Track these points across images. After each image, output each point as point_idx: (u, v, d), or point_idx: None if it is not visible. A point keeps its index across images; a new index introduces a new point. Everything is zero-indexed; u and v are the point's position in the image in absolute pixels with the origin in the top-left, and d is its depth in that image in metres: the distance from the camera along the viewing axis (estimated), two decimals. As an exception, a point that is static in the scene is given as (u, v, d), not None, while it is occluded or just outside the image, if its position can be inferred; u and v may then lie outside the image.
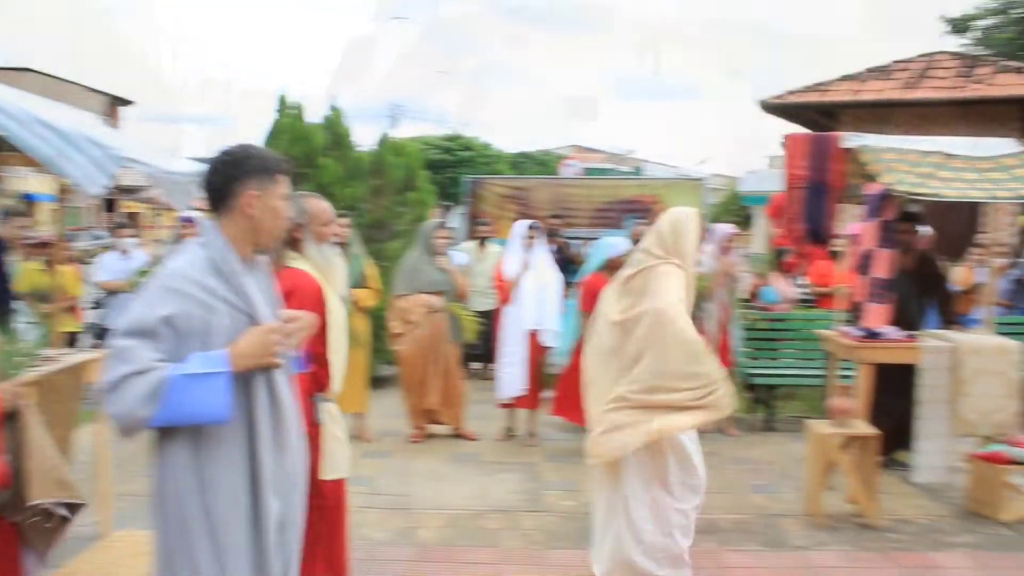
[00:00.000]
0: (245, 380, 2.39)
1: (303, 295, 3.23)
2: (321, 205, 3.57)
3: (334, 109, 9.44)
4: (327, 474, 3.45)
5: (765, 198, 13.12)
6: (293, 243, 3.47)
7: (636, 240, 8.01)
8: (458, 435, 7.07)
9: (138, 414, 2.24)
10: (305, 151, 8.93)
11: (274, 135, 9.13)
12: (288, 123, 9.22)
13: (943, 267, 8.97)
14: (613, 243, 6.59)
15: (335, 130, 9.45)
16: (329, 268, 3.55)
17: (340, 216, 4.53)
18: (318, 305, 3.34)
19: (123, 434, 2.33)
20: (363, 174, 9.27)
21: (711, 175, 46.72)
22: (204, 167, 2.57)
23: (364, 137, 11.14)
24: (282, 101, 9.40)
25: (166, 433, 2.36)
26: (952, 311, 6.51)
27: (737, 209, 27.49)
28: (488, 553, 4.69)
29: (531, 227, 7.20)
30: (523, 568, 4.50)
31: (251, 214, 2.46)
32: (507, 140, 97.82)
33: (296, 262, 3.44)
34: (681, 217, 3.94)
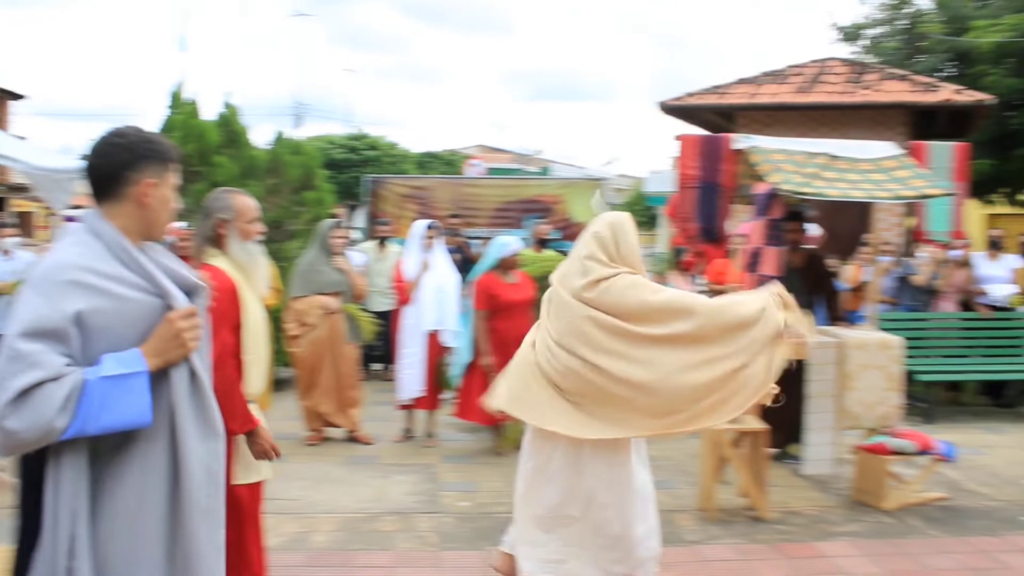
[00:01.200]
0: (164, 376, 2.17)
1: (216, 293, 3.13)
2: (247, 201, 3.46)
3: (229, 106, 9.20)
4: (242, 478, 3.32)
5: (666, 198, 13.35)
6: (217, 239, 3.37)
7: (538, 240, 8.07)
8: (353, 439, 6.95)
9: (54, 425, 1.97)
10: (199, 148, 8.69)
11: (166, 132, 8.85)
12: (181, 120, 8.96)
13: (830, 265, 9.29)
14: (505, 243, 6.67)
15: (230, 127, 9.22)
16: (252, 266, 3.45)
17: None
18: (232, 304, 3.25)
19: (15, 450, 2.05)
20: (259, 173, 9.06)
21: (617, 176, 47.42)
22: (88, 152, 2.27)
23: (265, 135, 10.93)
24: (175, 97, 9.13)
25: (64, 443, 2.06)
26: (838, 308, 6.71)
27: (642, 209, 27.94)
28: (382, 556, 4.63)
29: (430, 227, 7.15)
30: (417, 570, 4.45)
31: (147, 204, 2.24)
32: (414, 140, 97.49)
33: (215, 260, 3.35)
34: (618, 221, 3.76)
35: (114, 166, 2.22)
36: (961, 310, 9.20)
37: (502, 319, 6.54)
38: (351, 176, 25.32)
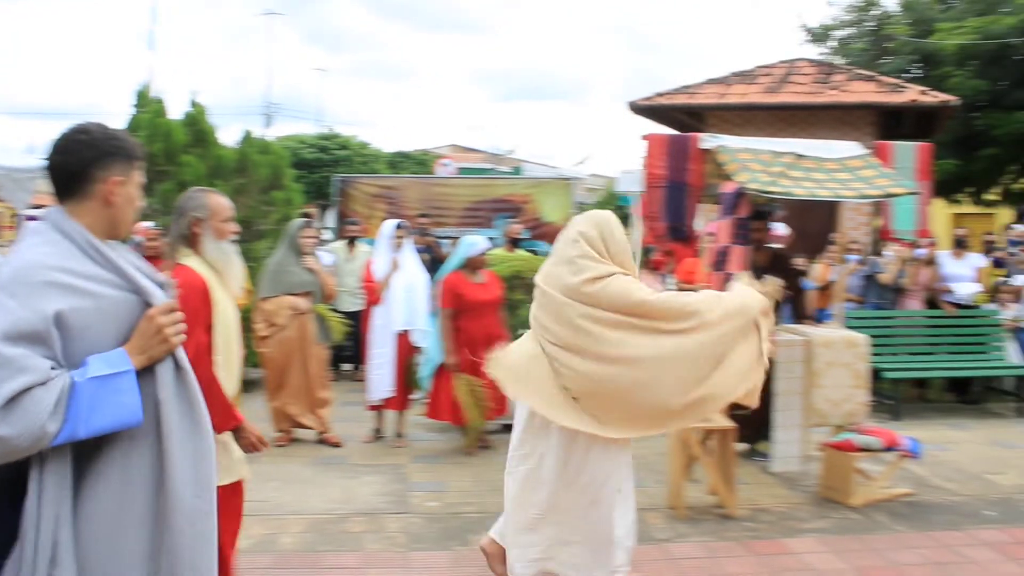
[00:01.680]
0: (149, 373, 2.11)
1: (187, 292, 3.10)
2: (221, 201, 3.44)
3: (195, 105, 9.12)
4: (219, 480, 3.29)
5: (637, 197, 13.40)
6: (191, 238, 3.35)
7: (510, 239, 8.08)
8: (323, 440, 6.90)
9: (47, 430, 1.90)
10: (166, 148, 8.61)
11: (132, 131, 8.76)
12: (147, 118, 8.87)
13: (797, 264, 9.37)
14: (473, 242, 6.70)
15: (198, 127, 9.14)
16: (227, 265, 3.43)
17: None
18: (203, 303, 3.23)
19: (5, 458, 1.94)
20: (227, 172, 8.99)
21: (589, 175, 47.50)
22: (50, 150, 2.19)
23: (235, 135, 10.85)
24: (141, 95, 9.04)
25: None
26: (805, 307, 6.76)
27: (614, 209, 28.00)
28: (350, 557, 4.60)
29: (399, 227, 7.12)
30: (385, 571, 4.43)
31: (113, 202, 2.18)
32: (387, 140, 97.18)
33: (188, 259, 3.34)
34: (604, 219, 3.71)
35: (78, 163, 2.16)
36: (927, 308, 9.31)
37: (468, 318, 6.54)
38: (322, 176, 25.17)
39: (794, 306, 6.71)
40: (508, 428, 7.30)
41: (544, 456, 3.65)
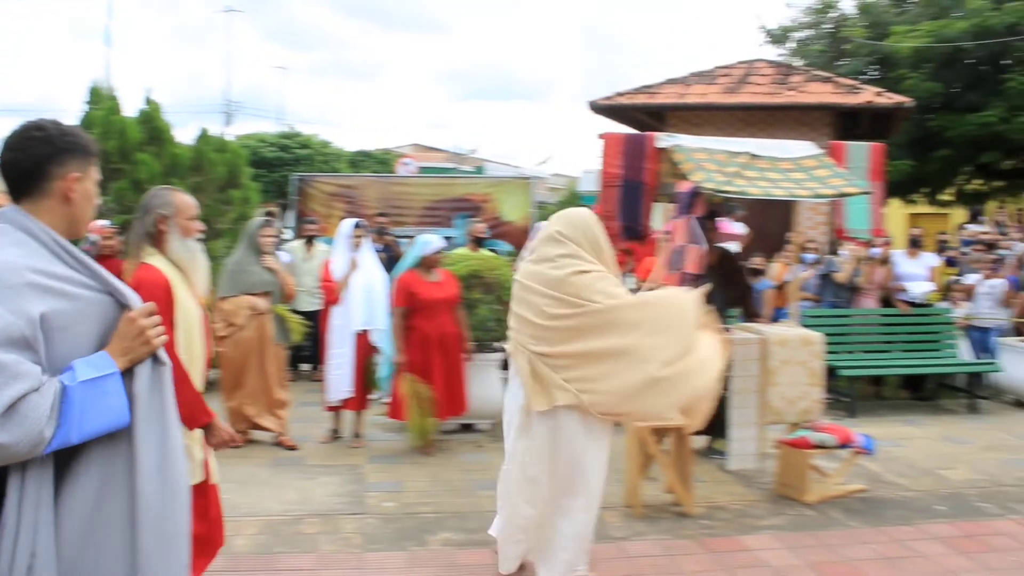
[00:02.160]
0: (128, 373, 2.09)
1: (151, 290, 3.09)
2: (187, 199, 3.44)
3: (150, 102, 8.99)
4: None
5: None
6: (157, 236, 3.34)
7: (474, 238, 8.06)
8: (279, 443, 6.81)
9: (44, 436, 1.89)
10: (120, 145, 8.48)
11: (85, 128, 8.60)
12: (101, 115, 8.73)
13: (750, 263, 9.45)
14: (427, 241, 6.71)
15: (153, 124, 9.01)
16: (193, 264, 3.42)
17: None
18: (165, 301, 3.19)
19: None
20: (183, 171, 8.87)
21: (552, 175, 47.62)
22: (4, 148, 2.14)
23: (192, 133, 10.73)
24: (94, 92, 8.89)
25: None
26: (753, 305, 6.81)
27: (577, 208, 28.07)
28: (305, 559, 4.55)
29: (357, 226, 7.07)
30: (339, 572, 4.39)
31: (71, 199, 2.14)
32: (349, 139, 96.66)
33: (152, 258, 3.31)
34: (584, 219, 4.01)
35: (34, 161, 2.11)
36: (882, 307, 9.44)
37: (422, 317, 6.53)
38: (282, 175, 24.96)
39: (743, 305, 6.76)
40: (466, 428, 7.32)
41: (528, 453, 3.95)
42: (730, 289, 6.63)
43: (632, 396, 3.81)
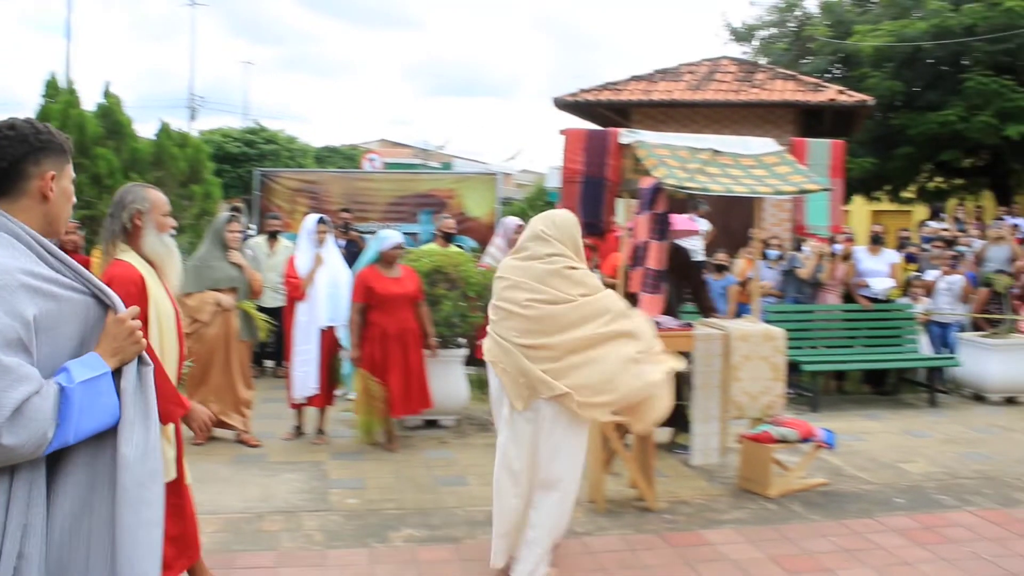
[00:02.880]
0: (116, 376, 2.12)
1: (122, 286, 3.09)
2: (160, 195, 3.46)
3: (109, 96, 8.86)
4: None
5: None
6: (132, 232, 3.33)
7: (443, 234, 8.03)
8: (241, 441, 6.73)
9: (47, 437, 1.91)
10: (78, 140, 8.35)
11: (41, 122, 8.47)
12: (58, 109, 8.60)
13: (720, 259, 9.52)
14: (385, 236, 6.71)
15: (113, 118, 8.89)
16: (167, 259, 3.43)
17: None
18: (139, 297, 3.20)
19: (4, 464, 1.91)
20: (143, 165, 8.76)
21: (520, 171, 47.58)
22: None
23: (154, 128, 10.60)
24: (50, 85, 8.75)
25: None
26: (707, 299, 6.83)
27: (543, 204, 28.12)
28: (265, 556, 4.51)
29: (321, 221, 7.01)
30: (300, 570, 4.35)
31: (49, 197, 2.13)
32: (316, 134, 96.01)
33: (124, 254, 3.29)
34: (567, 222, 4.21)
35: (10, 160, 2.09)
36: (844, 303, 9.54)
37: (380, 312, 6.52)
38: (247, 170, 24.75)
39: (698, 300, 6.79)
40: (430, 424, 7.30)
41: (511, 445, 4.06)
42: (684, 285, 6.67)
43: (612, 380, 3.96)
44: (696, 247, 10.79)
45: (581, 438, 4.14)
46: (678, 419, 6.62)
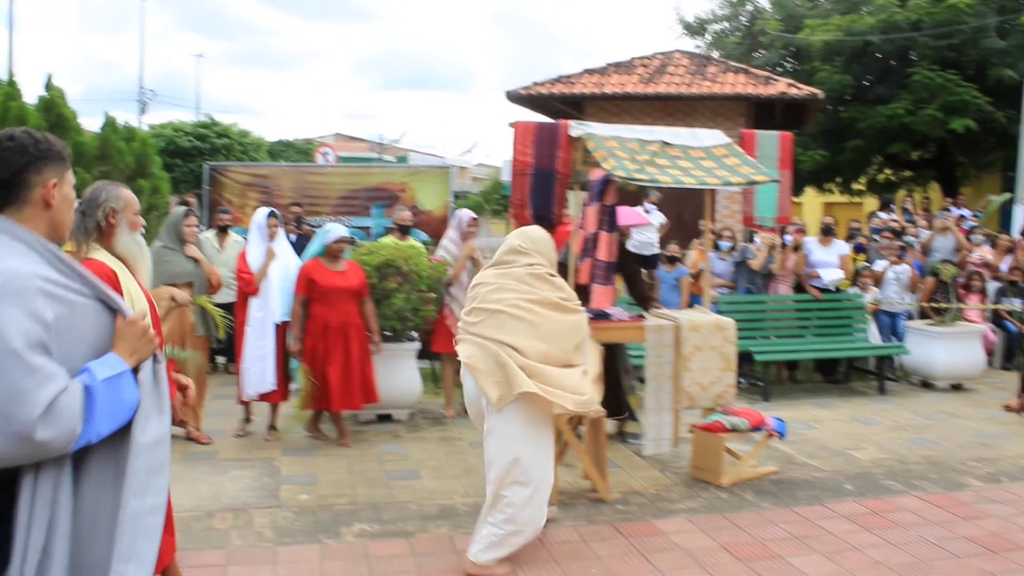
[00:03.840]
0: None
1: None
2: (131, 194, 3.46)
3: (51, 88, 8.66)
4: None
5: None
6: (106, 230, 3.30)
7: (399, 227, 7.95)
8: (191, 438, 6.62)
9: (77, 433, 1.99)
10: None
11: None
12: (-3, 102, 8.37)
13: (676, 251, 9.57)
14: (328, 229, 6.72)
15: (56, 112, 8.69)
16: (140, 257, 3.40)
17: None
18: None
19: (34, 460, 1.98)
20: (88, 160, 8.57)
21: (475, 164, 47.56)
22: None
23: (98, 122, 10.36)
24: (-10, 77, 8.52)
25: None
26: (642, 288, 6.84)
27: (499, 198, 28.14)
28: (214, 555, 4.44)
29: (271, 215, 6.91)
30: (249, 567, 4.29)
31: (52, 205, 2.20)
32: (271, 129, 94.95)
33: (96, 253, 3.27)
34: (542, 238, 4.55)
35: (11, 171, 2.15)
36: (795, 293, 9.64)
37: (322, 305, 6.50)
38: (199, 165, 24.40)
39: (632, 289, 6.81)
40: (383, 419, 7.25)
41: (487, 436, 4.26)
42: (618, 274, 6.69)
43: (577, 386, 4.28)
44: (651, 239, 10.86)
45: (549, 436, 4.34)
46: (624, 409, 6.66)
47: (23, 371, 1.93)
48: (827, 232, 9.85)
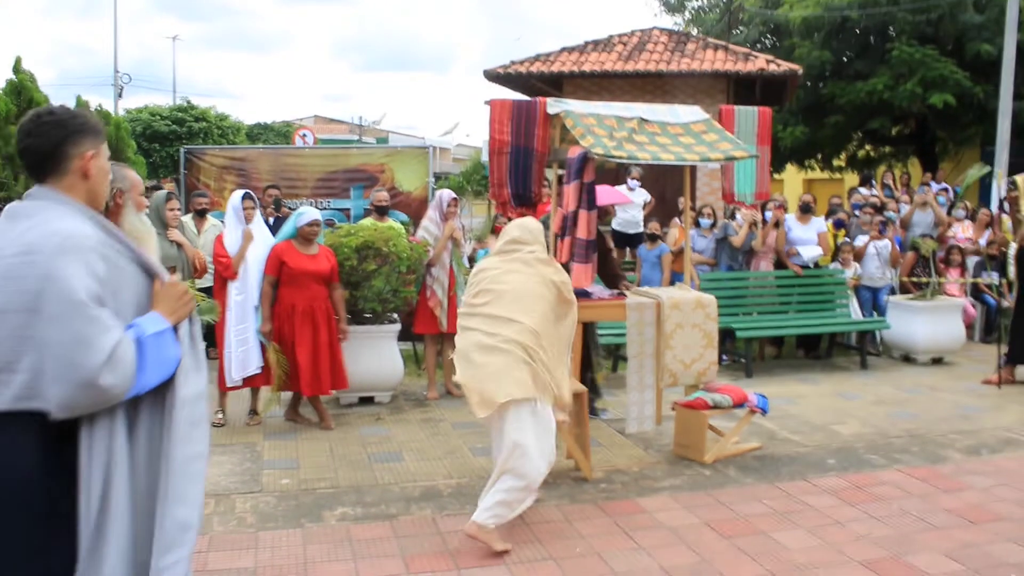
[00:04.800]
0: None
1: None
2: (136, 175, 3.58)
3: (19, 72, 8.50)
4: None
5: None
6: (114, 210, 3.37)
7: (378, 208, 7.88)
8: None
9: (132, 380, 2.19)
10: (-11, 118, 8.02)
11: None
12: (-33, 87, 8.23)
13: (659, 230, 9.55)
14: (303, 212, 6.69)
15: (27, 96, 8.55)
16: (147, 236, 3.51)
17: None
18: None
19: (96, 407, 2.17)
20: (61, 144, 8.43)
21: (456, 145, 47.36)
22: (21, 135, 2.34)
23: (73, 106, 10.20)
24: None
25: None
26: (610, 266, 6.79)
27: (480, 179, 28.04)
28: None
29: (247, 197, 6.83)
30: (231, 553, 4.26)
31: (90, 175, 2.35)
32: (250, 111, 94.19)
33: None
34: (534, 224, 4.76)
35: (50, 143, 2.30)
36: (777, 270, 9.64)
37: (291, 288, 6.48)
38: (177, 149, 24.20)
39: (601, 268, 6.78)
40: (365, 401, 7.21)
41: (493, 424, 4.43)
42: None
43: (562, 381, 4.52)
44: (636, 217, 10.85)
45: (551, 427, 4.52)
46: (590, 385, 6.62)
47: (87, 320, 2.12)
48: (806, 210, 9.85)
